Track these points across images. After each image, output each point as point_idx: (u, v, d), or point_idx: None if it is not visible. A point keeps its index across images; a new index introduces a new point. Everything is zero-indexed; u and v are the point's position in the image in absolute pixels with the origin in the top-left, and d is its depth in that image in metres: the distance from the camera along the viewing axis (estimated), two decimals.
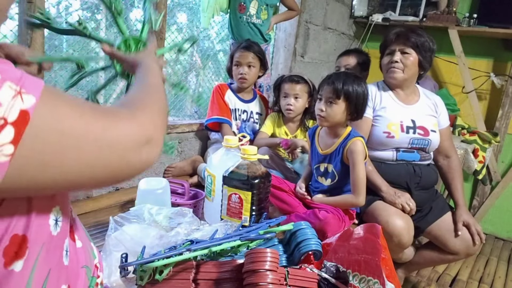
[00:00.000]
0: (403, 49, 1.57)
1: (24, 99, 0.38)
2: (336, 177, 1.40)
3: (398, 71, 1.58)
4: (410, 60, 1.57)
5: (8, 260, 0.44)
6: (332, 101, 1.33)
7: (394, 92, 1.66)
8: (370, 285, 0.80)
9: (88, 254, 0.63)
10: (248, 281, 0.70)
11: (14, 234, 0.45)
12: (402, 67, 1.58)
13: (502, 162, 2.83)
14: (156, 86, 0.67)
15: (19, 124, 0.37)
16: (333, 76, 1.36)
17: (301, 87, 1.84)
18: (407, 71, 1.58)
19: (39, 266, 0.48)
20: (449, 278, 2.21)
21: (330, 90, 1.33)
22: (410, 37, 1.55)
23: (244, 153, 1.16)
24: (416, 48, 1.56)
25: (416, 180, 1.59)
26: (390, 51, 1.60)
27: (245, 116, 2.04)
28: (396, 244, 1.40)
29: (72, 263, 0.57)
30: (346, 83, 1.32)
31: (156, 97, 0.63)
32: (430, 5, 2.77)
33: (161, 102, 0.62)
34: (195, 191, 1.44)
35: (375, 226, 0.93)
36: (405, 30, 1.60)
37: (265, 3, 2.14)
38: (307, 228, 0.97)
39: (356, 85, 1.33)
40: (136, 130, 0.50)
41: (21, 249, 0.45)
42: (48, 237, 0.49)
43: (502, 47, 2.73)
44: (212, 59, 2.40)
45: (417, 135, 1.59)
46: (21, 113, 0.38)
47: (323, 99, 1.36)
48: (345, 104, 1.34)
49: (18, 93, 0.38)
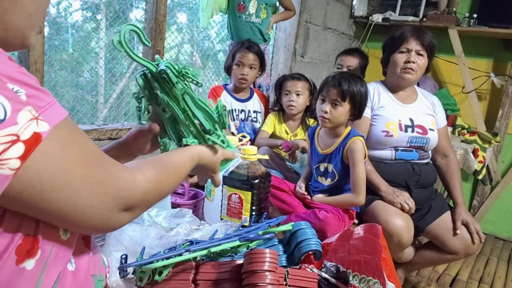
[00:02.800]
0: (419, 50, 1.55)
1: (39, 125, 0.41)
2: (336, 177, 1.40)
3: (413, 72, 1.56)
4: (423, 62, 1.56)
5: (20, 258, 0.46)
6: (337, 103, 1.32)
7: (392, 91, 1.66)
8: (370, 285, 0.80)
9: (98, 262, 0.64)
10: (247, 282, 0.70)
11: (26, 234, 0.46)
12: (416, 68, 1.56)
13: (502, 162, 2.83)
14: (180, 173, 0.66)
15: (30, 143, 0.40)
16: (337, 77, 1.34)
17: (302, 84, 1.86)
18: (418, 74, 1.58)
19: (49, 268, 0.49)
20: (449, 278, 2.21)
21: (336, 92, 1.31)
22: (425, 38, 1.54)
23: (244, 153, 1.16)
24: (429, 52, 1.55)
25: (415, 179, 1.59)
26: (407, 50, 1.56)
27: (243, 115, 2.04)
28: (396, 243, 1.40)
29: (81, 270, 0.57)
30: (352, 85, 1.31)
31: (169, 180, 0.63)
32: (430, 5, 2.77)
33: (168, 188, 0.63)
34: (195, 191, 1.44)
35: (375, 226, 0.93)
36: (419, 29, 1.57)
37: (265, 2, 2.14)
38: (307, 228, 0.96)
39: (360, 85, 1.33)
40: (128, 196, 0.52)
41: (33, 248, 0.47)
42: (58, 241, 0.51)
43: (502, 47, 2.73)
44: (212, 59, 2.39)
45: (416, 134, 1.59)
46: (34, 134, 0.41)
47: (327, 101, 1.34)
48: (350, 105, 1.33)
49: (35, 118, 0.41)
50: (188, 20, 2.19)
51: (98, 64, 1.70)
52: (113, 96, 1.81)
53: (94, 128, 1.54)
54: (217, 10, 2.03)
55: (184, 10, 2.16)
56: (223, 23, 2.30)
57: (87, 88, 1.71)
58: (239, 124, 2.02)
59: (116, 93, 1.82)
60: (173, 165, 0.65)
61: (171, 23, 2.02)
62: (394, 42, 1.61)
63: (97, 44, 1.68)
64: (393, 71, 1.61)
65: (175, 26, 2.10)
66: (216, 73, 2.39)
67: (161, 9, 1.69)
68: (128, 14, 1.78)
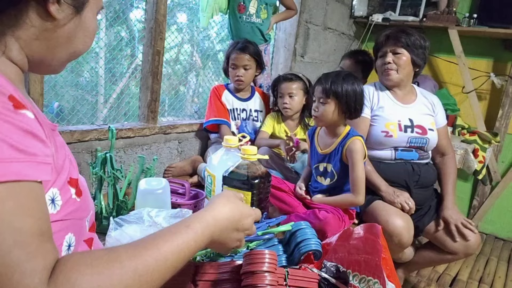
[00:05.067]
0: (394, 49, 1.59)
1: None
2: (336, 177, 1.40)
3: (392, 72, 1.60)
4: (403, 60, 1.58)
5: None
6: (323, 101, 1.35)
7: (391, 92, 1.66)
8: (370, 285, 0.80)
9: None
10: (246, 283, 0.70)
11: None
12: (395, 68, 1.60)
13: (502, 162, 2.83)
14: (166, 268, 0.51)
15: None
16: (323, 76, 1.38)
17: (296, 85, 1.87)
18: (401, 71, 1.60)
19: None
20: (449, 278, 2.21)
21: (320, 90, 1.36)
22: (400, 37, 1.57)
23: (244, 153, 1.16)
24: (407, 47, 1.57)
25: (415, 179, 1.59)
26: (382, 53, 1.63)
27: (244, 114, 2.04)
28: (396, 244, 1.40)
29: None
30: (334, 82, 1.33)
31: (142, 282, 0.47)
32: (430, 5, 2.76)
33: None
34: (196, 191, 1.44)
35: (375, 226, 0.93)
36: (395, 30, 1.61)
37: (265, 2, 2.14)
38: (307, 228, 0.96)
39: (346, 83, 1.33)
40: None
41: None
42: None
43: (502, 47, 2.72)
44: (212, 59, 2.39)
45: (415, 134, 1.59)
46: None
47: (316, 99, 1.38)
48: (334, 103, 1.34)
49: None
50: (188, 20, 2.18)
51: (98, 64, 1.70)
52: (113, 96, 1.81)
53: (94, 128, 1.54)
54: (217, 10, 2.03)
55: (184, 10, 2.16)
56: (223, 23, 2.30)
57: (87, 88, 1.71)
58: (240, 123, 2.03)
59: (116, 93, 1.82)
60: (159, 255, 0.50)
61: (171, 23, 2.02)
62: (374, 50, 1.70)
63: (97, 44, 1.68)
64: (379, 75, 1.69)
65: (175, 26, 2.10)
66: (216, 73, 2.39)
67: (161, 9, 1.69)
68: (128, 14, 1.78)
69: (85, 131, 1.50)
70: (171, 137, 1.90)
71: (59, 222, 0.54)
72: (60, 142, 0.59)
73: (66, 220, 0.56)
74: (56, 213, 0.54)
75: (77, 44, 0.59)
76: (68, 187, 0.57)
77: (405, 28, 1.62)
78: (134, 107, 1.84)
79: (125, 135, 1.65)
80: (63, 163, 0.57)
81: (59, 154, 0.56)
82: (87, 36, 0.60)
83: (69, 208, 0.56)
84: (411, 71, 1.62)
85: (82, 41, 0.59)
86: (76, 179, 0.60)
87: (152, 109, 1.79)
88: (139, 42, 1.79)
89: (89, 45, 0.61)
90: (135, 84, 1.87)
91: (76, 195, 0.59)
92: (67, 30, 0.56)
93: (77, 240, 0.60)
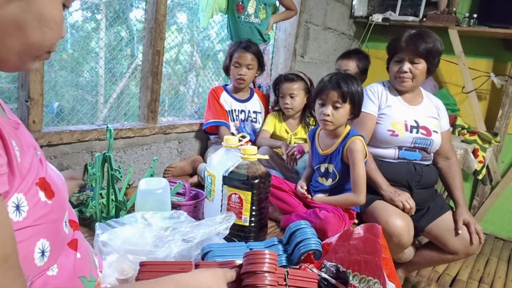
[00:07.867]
0: (412, 58, 1.56)
1: None
2: (337, 177, 1.40)
3: (407, 80, 1.59)
4: (419, 70, 1.57)
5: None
6: (338, 105, 1.33)
7: (398, 93, 1.67)
8: (370, 285, 0.80)
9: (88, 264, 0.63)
10: (246, 283, 0.70)
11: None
12: (411, 77, 1.58)
13: (502, 162, 2.83)
14: None
15: None
16: (334, 79, 1.34)
17: (297, 85, 1.87)
18: (416, 80, 1.59)
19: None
20: (449, 278, 2.21)
21: (337, 94, 1.32)
22: (420, 46, 1.53)
23: (244, 153, 1.16)
24: (426, 58, 1.55)
25: (417, 179, 1.59)
26: (399, 59, 1.59)
27: (243, 116, 2.04)
28: (396, 244, 1.40)
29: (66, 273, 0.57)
30: (350, 85, 1.33)
31: None
32: (430, 5, 2.76)
33: None
34: (196, 191, 1.44)
35: (375, 226, 0.93)
36: (415, 36, 1.56)
37: (263, 3, 2.14)
38: (307, 227, 0.96)
39: (355, 85, 1.35)
40: None
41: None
42: (33, 269, 0.50)
43: (502, 47, 2.72)
44: (212, 59, 2.39)
45: (420, 135, 1.60)
46: None
47: (328, 104, 1.35)
48: (350, 105, 1.35)
49: None
50: (188, 20, 2.18)
51: (98, 64, 1.70)
52: (113, 96, 1.81)
53: (94, 128, 1.54)
54: (217, 10, 2.03)
55: (184, 10, 2.16)
56: (223, 23, 2.29)
57: (87, 88, 1.71)
58: (239, 125, 2.02)
59: (116, 93, 1.82)
60: None
61: (171, 23, 2.02)
62: (391, 48, 1.64)
63: (97, 44, 1.68)
64: (391, 78, 1.67)
65: (175, 26, 2.09)
66: (216, 73, 2.39)
67: (161, 9, 1.69)
68: (128, 14, 1.78)
69: (85, 131, 1.50)
70: (171, 137, 1.90)
71: (27, 228, 0.51)
72: (27, 141, 0.55)
73: (36, 226, 0.52)
74: (23, 220, 0.50)
75: (32, 34, 0.50)
76: (37, 189, 0.53)
77: (424, 33, 1.56)
78: (134, 107, 1.84)
79: (125, 135, 1.65)
80: (30, 165, 0.53)
81: (25, 156, 0.52)
82: (43, 24, 0.51)
83: (39, 212, 0.52)
84: (424, 78, 1.62)
85: (38, 31, 0.51)
86: (43, 177, 0.55)
87: (152, 109, 1.79)
88: (139, 42, 1.79)
89: (50, 37, 0.53)
90: (135, 84, 1.87)
91: (47, 197, 0.54)
92: (9, 15, 0.48)
93: (53, 244, 0.56)
